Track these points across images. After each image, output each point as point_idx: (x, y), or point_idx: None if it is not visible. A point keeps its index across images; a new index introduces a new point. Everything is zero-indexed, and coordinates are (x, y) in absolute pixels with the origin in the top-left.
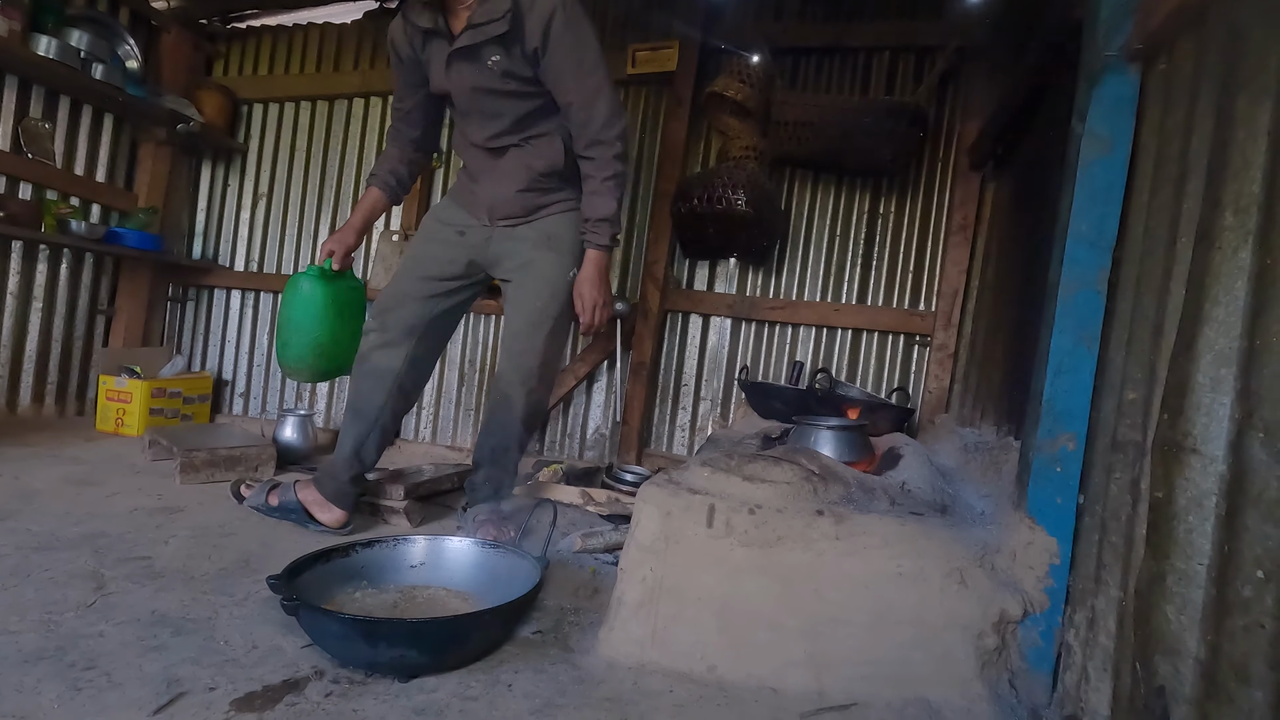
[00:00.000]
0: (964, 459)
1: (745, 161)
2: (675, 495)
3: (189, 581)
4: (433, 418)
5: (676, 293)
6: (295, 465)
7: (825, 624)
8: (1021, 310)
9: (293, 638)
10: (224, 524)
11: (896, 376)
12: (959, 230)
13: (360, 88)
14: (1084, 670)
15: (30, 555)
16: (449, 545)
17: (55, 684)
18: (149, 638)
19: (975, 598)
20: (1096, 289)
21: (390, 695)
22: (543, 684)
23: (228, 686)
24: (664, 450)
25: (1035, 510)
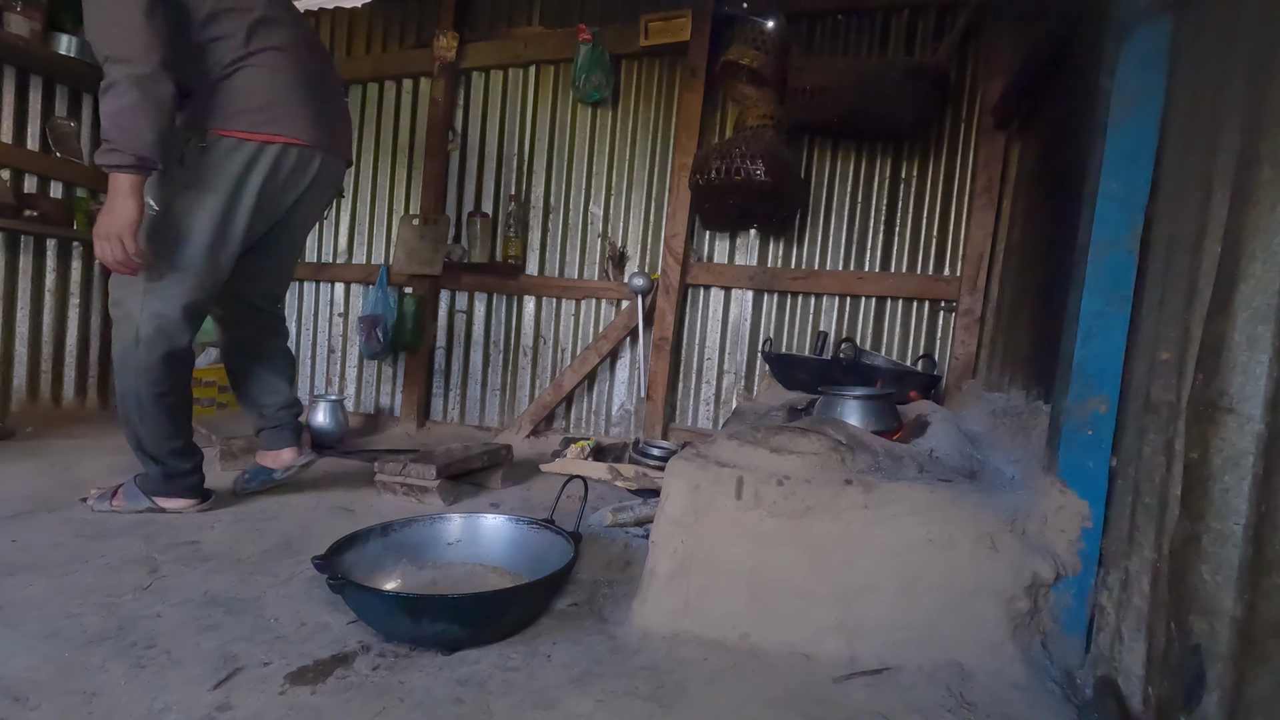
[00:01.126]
0: (992, 424)
1: (763, 130)
2: (703, 469)
3: (236, 564)
4: (460, 398)
5: (697, 266)
6: (329, 450)
7: (856, 591)
8: (1050, 272)
9: (338, 614)
10: (264, 509)
11: (922, 343)
12: (983, 192)
13: (374, 72)
14: (1118, 631)
15: (86, 543)
16: (484, 522)
17: (120, 662)
18: (203, 617)
19: (1006, 562)
20: (1128, 249)
21: (434, 668)
22: (580, 654)
23: (280, 662)
24: (689, 425)
25: (1066, 474)
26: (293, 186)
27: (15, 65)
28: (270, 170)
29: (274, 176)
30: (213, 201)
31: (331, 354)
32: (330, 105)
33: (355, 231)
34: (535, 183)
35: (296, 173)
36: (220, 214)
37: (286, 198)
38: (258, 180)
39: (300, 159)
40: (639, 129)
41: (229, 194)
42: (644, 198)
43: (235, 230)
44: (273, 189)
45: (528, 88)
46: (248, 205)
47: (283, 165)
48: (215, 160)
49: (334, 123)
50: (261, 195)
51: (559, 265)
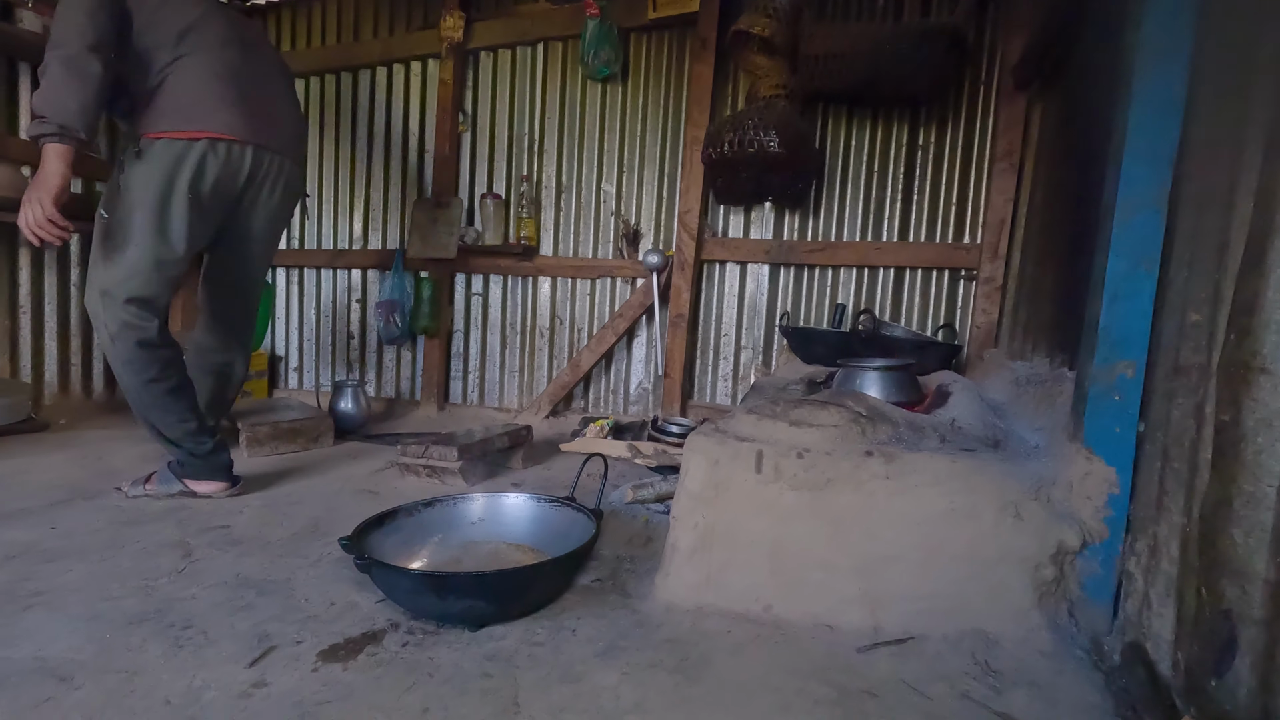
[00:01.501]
0: (1015, 393)
1: (776, 101)
2: (723, 444)
3: (265, 546)
4: (479, 381)
5: (712, 241)
6: (352, 434)
7: (878, 562)
8: (1074, 236)
9: (366, 594)
10: (290, 493)
11: (942, 313)
12: (1004, 157)
13: (382, 56)
14: (1146, 597)
15: (122, 529)
16: (506, 501)
17: (159, 642)
18: (236, 599)
19: (1031, 531)
20: (1156, 208)
21: (462, 643)
22: (604, 628)
23: (312, 640)
24: (707, 401)
25: (1092, 441)
26: (227, 181)
27: (30, 61)
28: (198, 165)
29: (202, 171)
30: (149, 200)
31: (351, 340)
32: (268, 104)
33: (370, 217)
34: (546, 162)
35: (227, 167)
36: (156, 212)
37: (223, 194)
38: (187, 175)
39: (230, 153)
40: (650, 104)
41: (160, 192)
42: (657, 174)
43: (174, 228)
44: (204, 184)
45: (536, 66)
46: (181, 201)
47: (209, 160)
48: (148, 162)
49: (270, 120)
50: (194, 190)
51: (573, 245)
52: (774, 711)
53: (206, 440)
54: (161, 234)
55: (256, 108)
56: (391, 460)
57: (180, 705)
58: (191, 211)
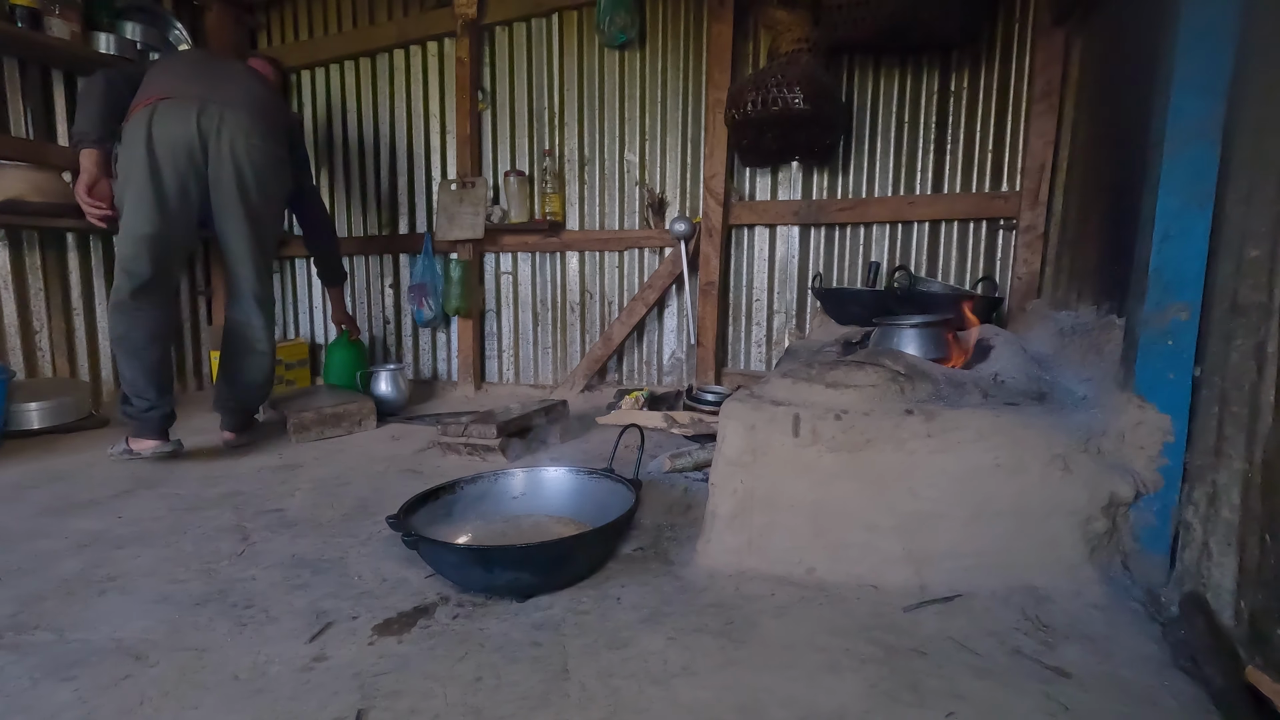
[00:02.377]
0: (1060, 344)
1: (798, 55)
2: (758, 409)
3: (318, 527)
4: (514, 359)
5: (739, 206)
6: (393, 416)
7: (922, 520)
8: (1120, 175)
9: (416, 569)
10: (339, 475)
11: (981, 265)
12: (1043, 97)
13: (398, 38)
14: (1205, 546)
15: (182, 515)
16: (546, 475)
17: (224, 621)
18: (293, 578)
19: (1080, 483)
20: (1209, 139)
21: (510, 614)
22: (649, 595)
23: (367, 615)
24: (741, 368)
25: (1144, 388)
26: (179, 132)
27: (62, 69)
28: (148, 126)
29: (152, 130)
30: (125, 178)
31: (387, 324)
32: (218, 76)
33: (397, 202)
34: (568, 135)
35: (174, 121)
36: (132, 187)
37: (179, 147)
38: (143, 134)
39: (176, 107)
40: (669, 68)
41: (130, 166)
42: (679, 140)
43: (145, 198)
44: (158, 144)
45: (552, 37)
46: (141, 167)
47: (156, 118)
48: (122, 144)
49: (216, 83)
50: (152, 144)
51: (599, 218)
52: (821, 671)
53: (147, 400)
54: (135, 202)
55: (203, 79)
56: (432, 440)
57: (247, 679)
58: (163, 166)
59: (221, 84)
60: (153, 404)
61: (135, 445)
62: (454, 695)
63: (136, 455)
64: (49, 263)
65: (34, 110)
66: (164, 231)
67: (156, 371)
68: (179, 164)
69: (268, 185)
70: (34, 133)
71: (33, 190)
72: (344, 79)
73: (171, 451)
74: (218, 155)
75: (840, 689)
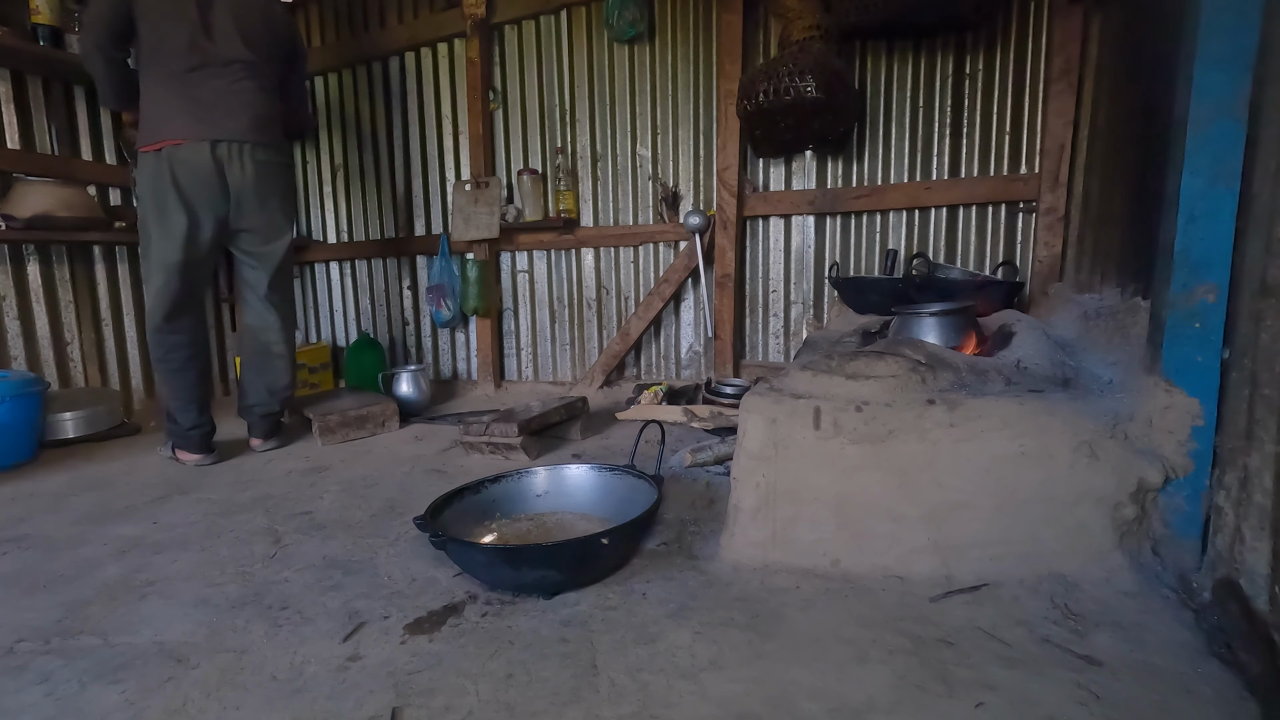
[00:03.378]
0: (1084, 328)
1: (810, 43)
2: (779, 402)
3: (348, 529)
4: (532, 356)
5: (753, 197)
6: (416, 417)
7: (947, 510)
8: (1143, 155)
9: (444, 569)
10: (366, 477)
11: (1001, 250)
12: (1061, 76)
13: (408, 40)
14: (1237, 531)
15: (216, 520)
16: (569, 473)
17: (260, 623)
18: (325, 579)
19: (1108, 469)
20: (1235, 117)
21: (538, 611)
22: (674, 590)
23: (398, 615)
24: (760, 360)
25: (1172, 372)
26: (200, 171)
27: (83, 85)
28: (170, 166)
29: (175, 170)
30: (148, 204)
31: (406, 326)
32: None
33: (412, 204)
34: (580, 132)
35: (191, 162)
36: (155, 213)
37: (202, 182)
38: (167, 176)
39: (189, 151)
40: (679, 61)
41: (155, 196)
42: (692, 133)
43: (171, 227)
44: (181, 180)
45: (561, 34)
46: (171, 193)
47: (175, 161)
48: (140, 172)
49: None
50: (177, 185)
51: (613, 213)
52: (849, 662)
53: (189, 420)
54: (162, 233)
55: (208, 106)
56: (455, 440)
57: (286, 680)
58: (181, 208)
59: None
60: (195, 423)
61: (181, 456)
62: (486, 692)
63: (182, 462)
64: (78, 276)
65: (58, 127)
66: (193, 257)
67: (195, 390)
68: (204, 195)
69: (278, 191)
70: (59, 148)
71: (60, 205)
72: (356, 84)
73: (213, 463)
74: (239, 185)
75: (868, 680)
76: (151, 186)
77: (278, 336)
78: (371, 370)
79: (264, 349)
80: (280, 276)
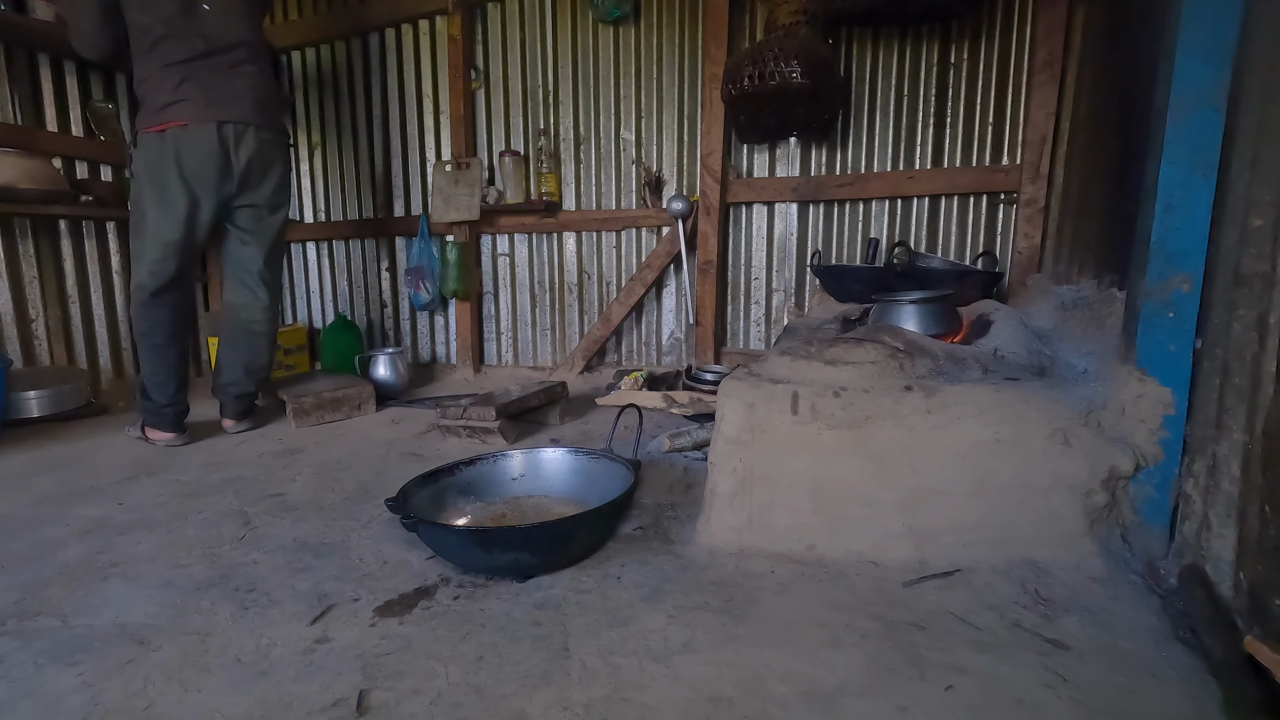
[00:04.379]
0: (1061, 318)
1: (796, 28)
2: (757, 387)
3: (319, 511)
4: (512, 341)
5: (737, 183)
6: (393, 400)
7: (922, 496)
8: (1123, 146)
9: (417, 551)
10: (340, 459)
11: (981, 240)
12: (1044, 68)
13: (389, 16)
14: (1205, 519)
15: (184, 501)
16: (545, 456)
17: (227, 605)
18: (295, 561)
19: (1081, 456)
20: (1214, 107)
21: (511, 594)
22: (649, 574)
23: (368, 597)
24: (740, 347)
25: (1145, 361)
26: (205, 154)
27: (48, 53)
28: (175, 149)
29: (179, 152)
30: (148, 183)
31: (384, 308)
32: (224, 80)
33: (392, 184)
34: (563, 114)
35: (196, 145)
36: (156, 192)
37: (207, 164)
38: (171, 157)
39: (194, 132)
40: (664, 44)
41: (155, 175)
42: (676, 117)
43: (172, 204)
44: (185, 162)
45: (545, 14)
46: (174, 180)
47: (181, 142)
48: (141, 152)
49: (228, 95)
50: (179, 167)
51: (595, 197)
52: (822, 646)
53: (164, 396)
54: (161, 211)
55: (212, 88)
56: (432, 423)
57: (251, 662)
58: (183, 188)
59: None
60: (170, 400)
61: (151, 435)
62: (456, 675)
63: (151, 442)
64: (43, 250)
65: (21, 96)
66: (191, 236)
67: (176, 368)
68: (208, 175)
69: (279, 169)
70: (22, 118)
71: (24, 177)
72: (335, 59)
73: (184, 444)
74: (244, 166)
75: (840, 664)
76: (153, 167)
77: (262, 315)
78: (348, 352)
79: (245, 327)
80: (273, 253)
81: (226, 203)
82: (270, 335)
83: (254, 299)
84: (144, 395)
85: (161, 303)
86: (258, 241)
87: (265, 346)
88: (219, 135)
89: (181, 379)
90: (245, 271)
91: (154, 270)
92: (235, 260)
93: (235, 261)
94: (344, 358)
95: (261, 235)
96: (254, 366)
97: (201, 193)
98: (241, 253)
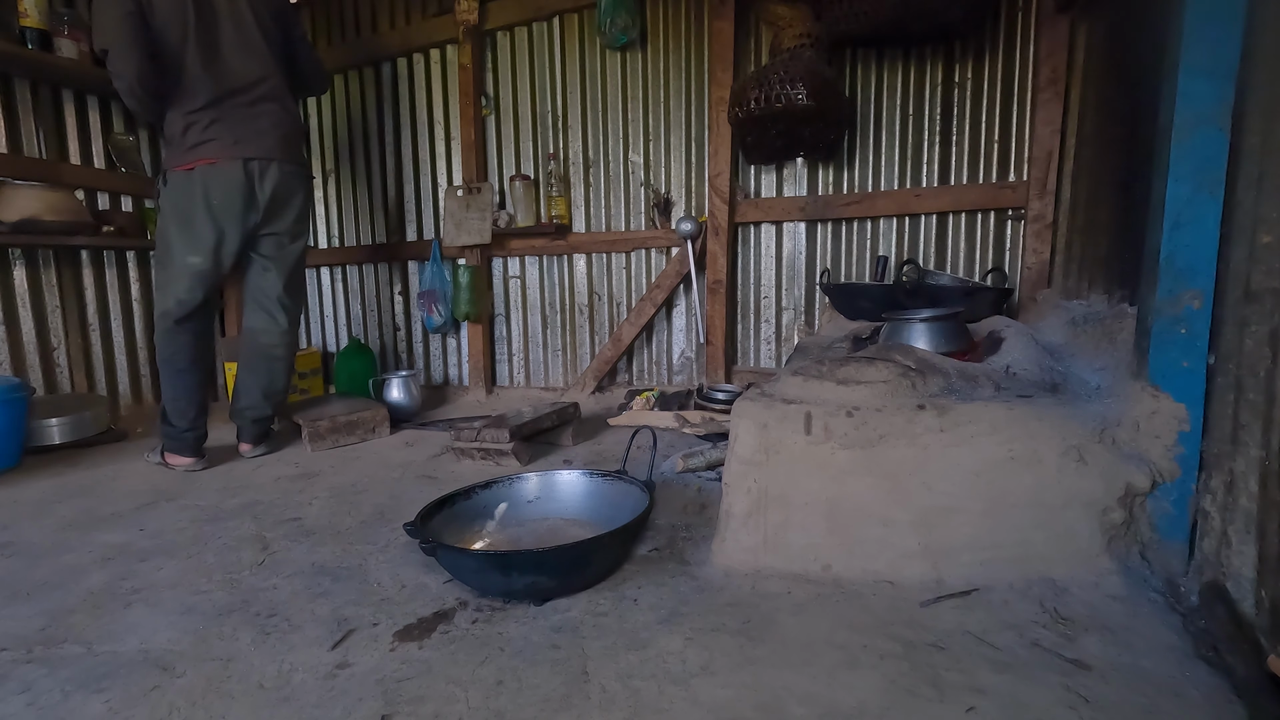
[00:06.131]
0: (1072, 334)
1: (801, 51)
2: (770, 407)
3: (337, 535)
4: (524, 362)
5: (745, 203)
6: (407, 423)
7: (937, 515)
8: (1129, 163)
9: (434, 575)
10: (355, 483)
11: (990, 257)
12: (1048, 85)
13: (402, 46)
14: (1224, 535)
15: (203, 526)
16: (561, 478)
17: (248, 630)
18: (314, 586)
19: (1096, 474)
20: (1218, 125)
21: (529, 618)
22: (665, 596)
23: (387, 621)
24: (751, 365)
25: (1158, 377)
26: (231, 190)
27: (71, 88)
28: (204, 186)
29: (207, 189)
30: (176, 218)
31: (397, 331)
32: (250, 116)
33: (404, 209)
34: (572, 138)
35: (224, 181)
36: (183, 227)
37: (233, 198)
38: (199, 194)
39: (222, 169)
40: (671, 68)
41: (184, 211)
42: (684, 139)
43: (199, 238)
44: (213, 198)
45: (554, 41)
46: (202, 215)
47: (210, 180)
48: (170, 189)
49: (253, 131)
50: (208, 203)
51: (605, 219)
52: (840, 667)
53: (185, 421)
54: (189, 244)
55: (238, 126)
56: (446, 445)
57: (273, 688)
58: (210, 222)
59: (259, 128)
60: (191, 425)
61: (171, 460)
62: (476, 699)
63: (171, 467)
64: (65, 280)
65: (45, 131)
66: (216, 267)
67: (197, 393)
68: (234, 209)
69: (300, 198)
70: (46, 152)
71: (47, 210)
72: (348, 88)
73: (203, 468)
74: (264, 187)
75: (859, 685)
76: (182, 202)
77: (280, 340)
78: (362, 376)
79: (264, 351)
80: (293, 280)
81: (251, 233)
82: (288, 360)
83: (273, 323)
84: (164, 420)
85: (185, 329)
86: (278, 268)
87: (283, 371)
88: (245, 171)
89: (201, 404)
90: (265, 297)
91: (181, 299)
92: (256, 286)
93: (256, 287)
94: (358, 381)
95: (282, 262)
96: (271, 391)
97: (227, 224)
98: (263, 279)
